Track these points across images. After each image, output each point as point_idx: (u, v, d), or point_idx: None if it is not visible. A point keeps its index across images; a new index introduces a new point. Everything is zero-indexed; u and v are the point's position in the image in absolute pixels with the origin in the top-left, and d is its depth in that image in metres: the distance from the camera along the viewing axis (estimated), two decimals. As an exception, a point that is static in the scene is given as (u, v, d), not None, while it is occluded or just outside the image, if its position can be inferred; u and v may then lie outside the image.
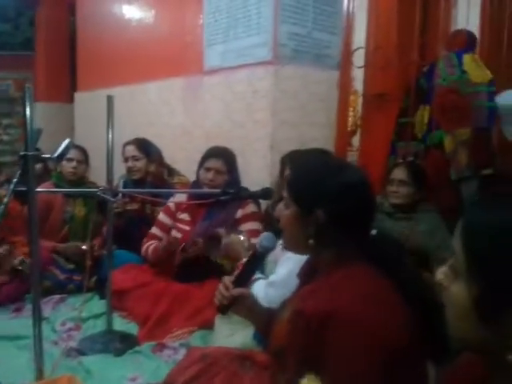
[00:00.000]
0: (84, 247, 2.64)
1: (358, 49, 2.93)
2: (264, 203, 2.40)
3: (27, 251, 2.29)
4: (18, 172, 1.58)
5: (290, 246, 1.15)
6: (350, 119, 4.62)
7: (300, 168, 1.13)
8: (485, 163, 2.73)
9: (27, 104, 1.49)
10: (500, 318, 0.57)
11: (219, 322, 1.91)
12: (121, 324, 2.18)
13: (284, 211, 1.10)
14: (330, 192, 1.01)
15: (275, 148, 2.48)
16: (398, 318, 0.92)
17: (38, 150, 1.70)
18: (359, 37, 3.05)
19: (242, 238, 1.92)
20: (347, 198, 1.01)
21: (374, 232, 1.11)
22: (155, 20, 3.38)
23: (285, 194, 1.10)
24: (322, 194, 1.02)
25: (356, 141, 3.81)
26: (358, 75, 3.47)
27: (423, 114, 2.73)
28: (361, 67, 3.08)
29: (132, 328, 2.16)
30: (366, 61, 3.01)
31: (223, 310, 1.20)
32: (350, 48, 2.81)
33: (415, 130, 2.76)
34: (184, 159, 3.05)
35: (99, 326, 2.18)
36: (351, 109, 4.72)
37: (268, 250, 1.23)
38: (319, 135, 2.67)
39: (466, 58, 2.62)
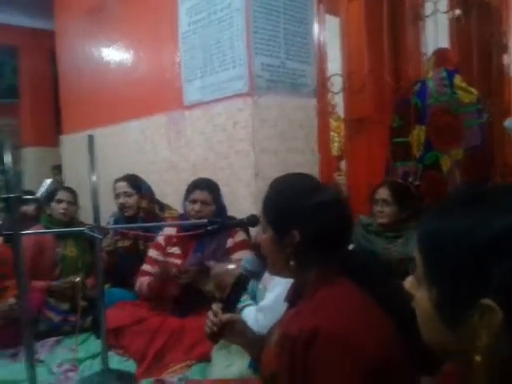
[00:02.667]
0: (77, 279, 2.63)
1: (333, 75, 3.04)
2: (253, 231, 2.43)
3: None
4: (4, 215, 1.61)
5: (273, 270, 1.17)
6: (336, 144, 4.72)
7: (273, 191, 1.14)
8: (481, 181, 2.81)
9: (6, 147, 1.55)
10: (461, 320, 0.59)
11: (216, 353, 1.92)
12: (118, 362, 2.17)
13: (262, 235, 1.12)
14: (303, 212, 1.03)
15: (260, 176, 2.54)
16: (382, 332, 0.94)
17: (28, 192, 1.74)
18: (334, 64, 3.17)
19: (231, 266, 1.94)
20: (320, 217, 1.03)
21: (351, 247, 1.14)
22: (134, 60, 3.48)
23: (261, 218, 1.13)
24: (295, 215, 1.04)
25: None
26: (340, 101, 3.57)
27: (419, 134, 2.79)
28: (337, 93, 3.20)
29: (130, 365, 2.14)
30: (343, 86, 3.12)
31: (214, 337, 1.21)
32: (324, 75, 2.92)
33: (413, 150, 2.83)
34: (172, 193, 3.10)
35: (96, 365, 2.17)
36: (336, 134, 4.82)
37: (251, 272, 1.23)
38: (302, 160, 2.74)
39: (457, 79, 2.73)
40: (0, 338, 2.37)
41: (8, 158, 1.54)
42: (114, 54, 3.69)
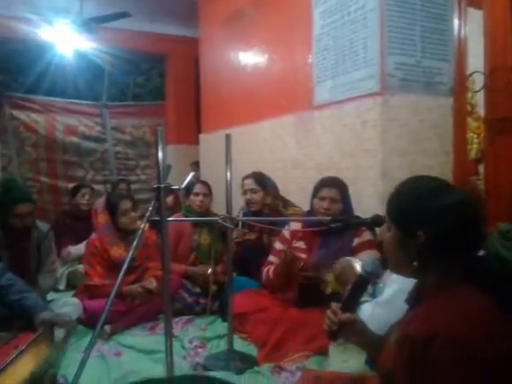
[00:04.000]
0: (209, 271, 2.87)
1: (473, 73, 2.85)
2: (379, 231, 2.41)
3: (160, 275, 2.58)
4: (152, 203, 1.83)
5: (394, 269, 1.17)
6: (475, 146, 4.38)
7: (400, 190, 1.14)
8: None
9: (159, 144, 1.76)
10: None
11: (333, 348, 1.95)
12: (241, 345, 2.32)
13: (386, 234, 1.13)
14: (430, 214, 1.02)
15: (387, 176, 2.51)
16: (503, 339, 0.90)
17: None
18: (473, 61, 2.97)
19: (353, 263, 1.96)
20: (447, 220, 1.00)
21: (481, 253, 1.09)
22: (268, 64, 3.65)
23: (386, 216, 1.14)
24: (421, 216, 1.03)
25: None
26: (480, 101, 3.33)
27: None
28: (477, 91, 2.98)
29: (251, 349, 2.28)
30: (484, 84, 2.91)
31: (332, 335, 1.23)
32: (463, 73, 2.76)
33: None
34: (296, 191, 3.20)
35: (222, 345, 2.35)
36: (475, 135, 4.47)
37: (371, 275, 1.24)
38: (433, 163, 2.63)
39: None
40: (140, 314, 2.68)
41: (160, 153, 1.75)
42: (251, 58, 3.91)
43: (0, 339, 1.76)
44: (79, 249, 3.47)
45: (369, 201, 2.56)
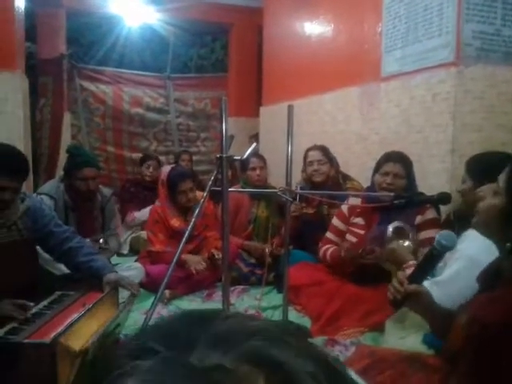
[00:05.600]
0: (266, 250, 2.89)
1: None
2: (444, 210, 2.31)
3: (218, 245, 2.63)
4: (214, 173, 1.83)
5: (485, 233, 1.12)
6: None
7: None
8: None
9: (223, 113, 1.74)
10: None
11: (390, 325, 1.92)
12: (296, 317, 2.33)
13: (490, 198, 1.08)
14: None
15: (457, 152, 2.37)
16: None
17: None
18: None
19: (406, 243, 1.90)
20: None
21: None
22: (334, 33, 3.52)
23: (501, 182, 1.07)
24: None
25: None
26: None
27: None
28: None
29: (306, 322, 2.29)
30: None
31: (396, 304, 1.23)
32: (549, 42, 2.52)
33: None
34: (357, 165, 3.11)
35: (276, 316, 2.38)
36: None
37: (446, 249, 1.19)
38: (509, 139, 2.45)
39: None
40: (198, 281, 2.74)
41: (223, 125, 1.74)
42: (316, 28, 3.79)
43: (69, 297, 1.86)
44: (143, 214, 3.59)
45: (435, 178, 2.44)
